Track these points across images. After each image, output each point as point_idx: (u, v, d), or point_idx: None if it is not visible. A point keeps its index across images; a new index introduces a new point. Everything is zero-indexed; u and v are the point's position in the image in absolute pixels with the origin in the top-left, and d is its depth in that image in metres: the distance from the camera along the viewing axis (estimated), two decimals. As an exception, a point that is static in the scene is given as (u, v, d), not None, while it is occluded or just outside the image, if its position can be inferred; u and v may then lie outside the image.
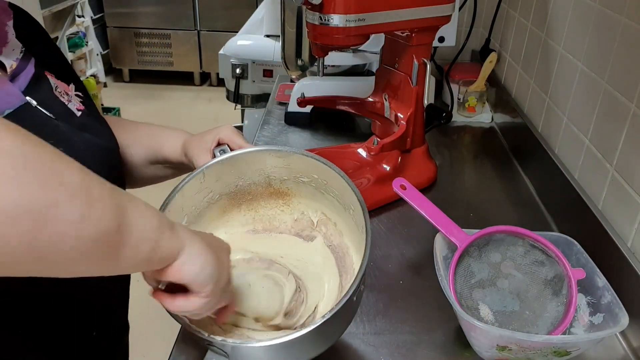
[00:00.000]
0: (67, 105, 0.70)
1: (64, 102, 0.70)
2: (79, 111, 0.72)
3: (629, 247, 0.80)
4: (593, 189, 0.93)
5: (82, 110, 0.72)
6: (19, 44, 0.67)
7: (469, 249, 0.79)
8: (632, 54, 0.82)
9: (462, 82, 1.42)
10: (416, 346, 0.76)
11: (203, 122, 3.10)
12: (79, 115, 0.71)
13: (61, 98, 0.70)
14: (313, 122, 1.38)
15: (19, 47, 0.67)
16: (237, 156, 0.72)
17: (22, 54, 0.66)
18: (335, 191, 0.71)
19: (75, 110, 0.71)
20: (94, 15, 3.92)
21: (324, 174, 0.69)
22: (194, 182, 0.70)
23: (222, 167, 0.72)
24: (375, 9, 0.90)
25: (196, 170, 0.70)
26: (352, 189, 0.65)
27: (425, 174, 1.13)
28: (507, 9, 1.43)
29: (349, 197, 0.66)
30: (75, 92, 0.74)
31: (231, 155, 0.72)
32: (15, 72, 0.64)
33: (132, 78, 4.33)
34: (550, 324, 0.75)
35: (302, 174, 0.73)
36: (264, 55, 1.68)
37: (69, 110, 0.70)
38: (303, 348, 0.60)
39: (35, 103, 0.63)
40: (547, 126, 1.14)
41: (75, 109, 0.71)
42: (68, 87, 0.73)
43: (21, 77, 0.64)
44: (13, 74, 0.63)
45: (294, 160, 0.71)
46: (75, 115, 0.70)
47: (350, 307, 0.62)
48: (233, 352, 0.57)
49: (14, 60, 0.64)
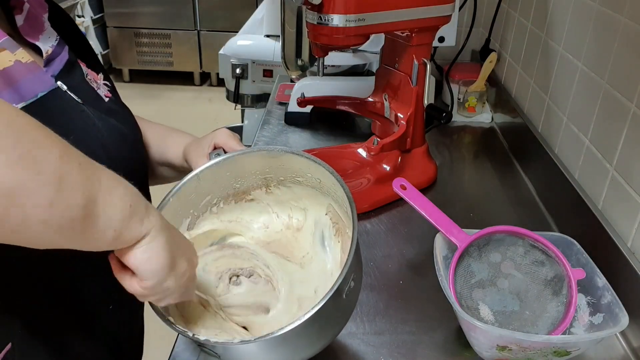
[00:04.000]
0: (96, 91, 0.74)
1: (94, 88, 0.74)
2: (107, 97, 0.76)
3: (629, 247, 0.80)
4: (593, 189, 0.93)
5: (110, 98, 0.77)
6: (54, 32, 0.72)
7: (469, 249, 0.79)
8: (632, 54, 0.82)
9: (462, 82, 1.42)
10: (416, 346, 0.76)
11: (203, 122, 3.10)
12: (106, 101, 0.75)
13: (91, 84, 0.74)
14: (313, 122, 1.38)
15: (55, 35, 0.71)
16: (228, 159, 0.72)
17: (57, 42, 0.71)
18: (329, 189, 0.71)
19: (103, 96, 0.75)
20: (94, 15, 3.92)
21: (317, 172, 0.69)
22: (189, 186, 0.70)
23: (217, 171, 0.72)
24: (375, 9, 0.90)
25: (188, 174, 0.71)
26: (341, 185, 0.65)
27: (425, 174, 1.13)
28: (507, 9, 1.43)
29: (340, 194, 0.66)
30: (104, 82, 0.78)
31: (223, 158, 0.72)
32: (51, 57, 0.68)
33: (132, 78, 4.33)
34: (550, 324, 0.75)
35: (297, 173, 0.73)
36: (264, 55, 1.68)
37: (98, 95, 0.74)
38: (295, 347, 0.60)
39: (65, 88, 0.68)
40: (547, 126, 1.14)
41: (104, 95, 0.76)
42: (97, 75, 0.78)
43: (56, 62, 0.69)
44: (48, 59, 0.68)
45: (286, 160, 0.71)
46: (104, 101, 0.75)
47: (341, 305, 0.60)
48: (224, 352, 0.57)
49: (49, 47, 0.69)
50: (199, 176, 0.71)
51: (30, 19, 0.69)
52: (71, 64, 0.72)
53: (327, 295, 0.55)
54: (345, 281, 0.57)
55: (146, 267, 0.52)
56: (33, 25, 0.69)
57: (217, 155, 0.73)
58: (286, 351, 0.59)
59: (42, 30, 0.70)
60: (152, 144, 0.89)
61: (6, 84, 0.60)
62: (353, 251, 0.58)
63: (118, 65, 4.27)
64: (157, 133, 0.90)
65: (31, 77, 0.63)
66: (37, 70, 0.65)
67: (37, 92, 0.63)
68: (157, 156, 0.89)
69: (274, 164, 0.73)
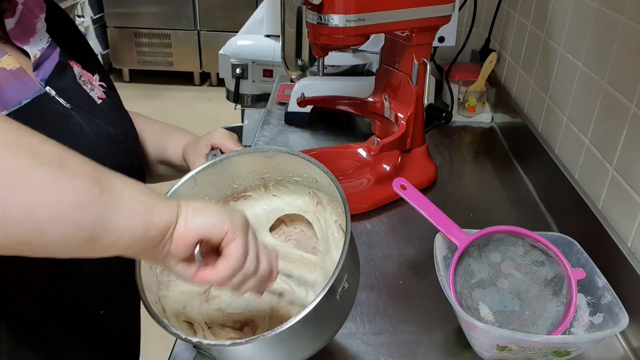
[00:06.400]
0: (88, 93, 0.74)
1: (86, 90, 0.73)
2: (100, 99, 0.75)
3: (629, 247, 0.80)
4: (593, 189, 0.93)
5: (103, 99, 0.76)
6: (46, 35, 0.71)
7: (469, 249, 0.79)
8: (632, 54, 0.82)
9: (462, 82, 1.42)
10: (416, 346, 0.76)
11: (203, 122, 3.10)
12: (99, 103, 0.74)
13: (84, 86, 0.73)
14: (313, 122, 1.38)
15: (46, 38, 0.71)
16: (224, 160, 0.72)
17: (48, 44, 0.70)
18: (325, 189, 0.71)
19: (96, 98, 0.74)
20: (94, 15, 3.92)
21: (312, 171, 0.69)
22: (186, 187, 0.70)
23: (213, 172, 0.72)
24: (375, 9, 0.90)
25: (185, 176, 0.70)
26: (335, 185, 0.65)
27: (425, 174, 1.13)
28: (507, 9, 1.43)
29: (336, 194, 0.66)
30: (99, 83, 0.78)
31: (219, 159, 0.71)
32: (39, 61, 0.67)
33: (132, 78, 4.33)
34: (550, 324, 0.75)
35: (294, 173, 0.73)
36: (264, 55, 1.68)
37: (90, 98, 0.73)
38: (291, 348, 0.59)
39: (54, 93, 0.67)
40: (547, 126, 1.14)
41: (97, 97, 0.75)
42: (92, 77, 0.77)
43: (45, 65, 0.68)
44: (37, 63, 0.67)
45: (282, 160, 0.71)
46: (96, 103, 0.74)
47: (335, 306, 0.60)
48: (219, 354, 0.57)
49: (38, 50, 0.68)
50: (196, 178, 0.71)
51: (22, 22, 0.68)
52: (62, 66, 0.71)
53: (319, 295, 0.55)
54: (338, 281, 0.57)
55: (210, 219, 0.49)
56: (24, 28, 0.68)
57: (214, 156, 0.73)
58: (282, 352, 0.59)
59: (33, 33, 0.69)
60: (150, 142, 0.88)
61: None
62: (346, 251, 0.58)
63: (118, 65, 4.27)
64: (156, 131, 0.89)
65: (16, 84, 0.62)
66: (23, 76, 0.64)
67: (22, 99, 0.62)
68: (156, 154, 0.89)
69: (270, 164, 0.73)
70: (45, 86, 0.67)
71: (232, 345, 0.55)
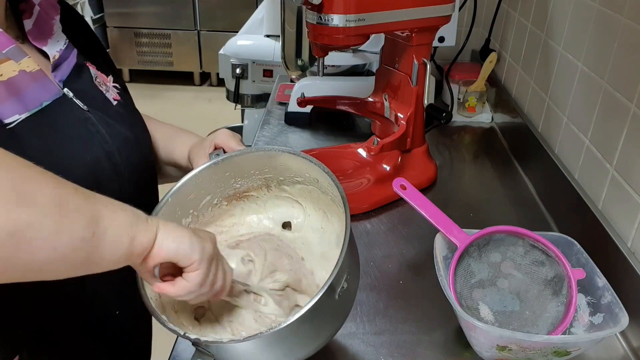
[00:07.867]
0: (105, 94, 0.75)
1: (102, 92, 0.74)
2: (115, 101, 0.76)
3: (629, 247, 0.80)
4: (593, 189, 0.93)
5: (118, 101, 0.77)
6: (63, 36, 0.72)
7: (469, 249, 0.79)
8: (632, 54, 0.82)
9: (462, 82, 1.42)
10: (416, 346, 0.76)
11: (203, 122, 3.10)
12: (114, 104, 0.76)
13: (100, 87, 0.74)
14: (313, 122, 1.38)
15: (64, 39, 0.72)
16: (227, 159, 0.72)
17: (65, 46, 0.71)
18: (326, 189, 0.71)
19: (112, 99, 0.76)
20: (94, 15, 3.92)
21: (314, 171, 0.69)
22: (188, 185, 0.70)
23: (215, 171, 0.72)
24: (375, 9, 0.90)
25: (187, 175, 0.71)
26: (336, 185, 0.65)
27: (425, 174, 1.13)
28: (507, 9, 1.43)
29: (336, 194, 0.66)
30: (113, 84, 0.79)
31: (221, 158, 0.72)
32: (58, 62, 0.68)
33: (132, 78, 4.33)
34: (550, 324, 0.75)
35: (296, 173, 0.73)
36: (264, 55, 1.68)
37: (107, 99, 0.75)
38: (289, 346, 0.59)
39: (72, 95, 0.68)
40: (547, 126, 1.14)
41: (112, 98, 0.76)
42: (107, 78, 0.78)
43: (63, 67, 0.69)
44: (56, 64, 0.68)
45: (284, 160, 0.71)
46: (112, 104, 0.75)
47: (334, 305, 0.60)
48: (217, 352, 0.57)
49: (57, 51, 0.69)
50: (198, 176, 0.71)
51: (39, 23, 0.69)
52: (79, 67, 0.71)
53: (318, 293, 0.55)
54: (337, 279, 0.57)
55: (182, 247, 0.53)
56: (42, 29, 0.69)
57: (216, 156, 0.73)
58: (280, 350, 0.59)
59: (50, 34, 0.70)
60: (159, 144, 0.89)
61: (10, 94, 0.60)
62: (345, 250, 0.58)
63: (118, 65, 4.26)
64: (165, 133, 0.90)
65: (36, 86, 0.63)
66: (43, 78, 0.65)
67: (42, 101, 0.63)
68: (165, 156, 0.90)
69: (272, 164, 0.73)
70: (63, 87, 0.67)
71: (230, 342, 0.56)
